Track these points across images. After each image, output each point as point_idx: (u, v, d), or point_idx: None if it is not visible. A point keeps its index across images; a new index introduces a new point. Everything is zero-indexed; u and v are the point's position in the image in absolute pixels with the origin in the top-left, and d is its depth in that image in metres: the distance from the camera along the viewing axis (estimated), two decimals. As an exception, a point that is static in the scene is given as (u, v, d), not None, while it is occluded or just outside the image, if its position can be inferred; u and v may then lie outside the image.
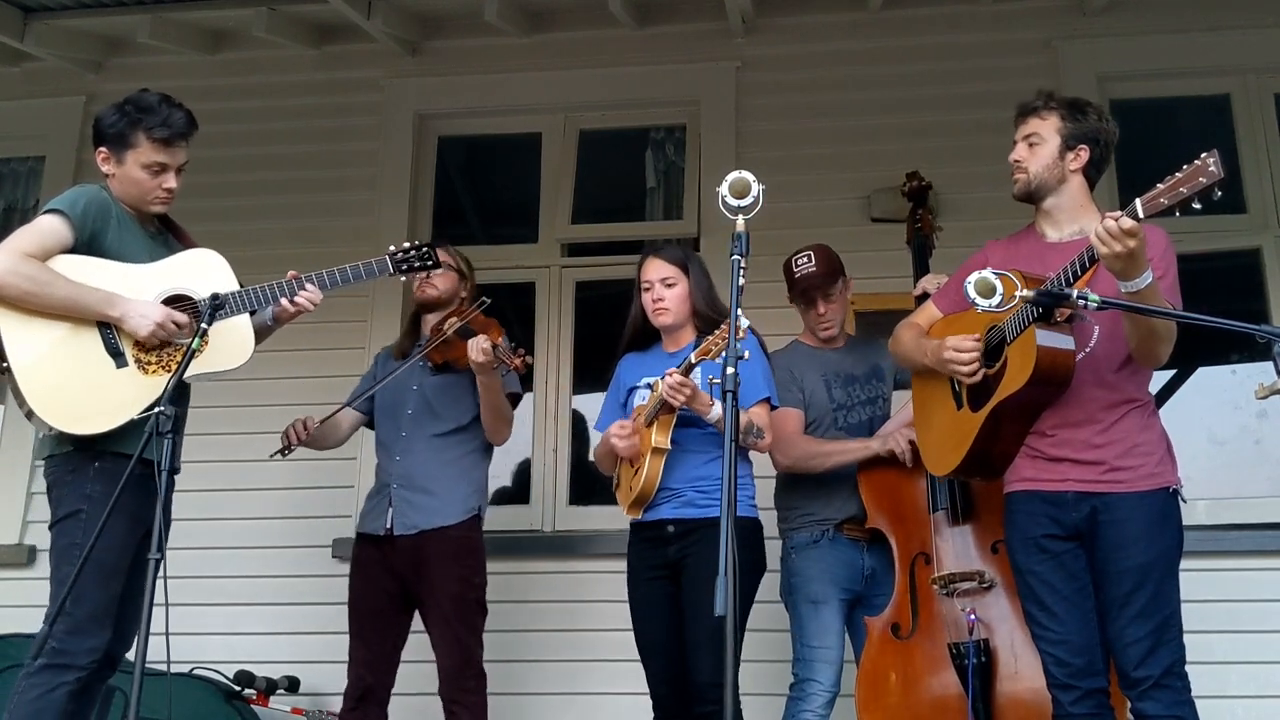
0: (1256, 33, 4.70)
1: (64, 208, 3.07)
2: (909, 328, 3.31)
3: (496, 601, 4.51)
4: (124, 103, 3.17)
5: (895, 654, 3.42)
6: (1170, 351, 2.89)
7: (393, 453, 3.82)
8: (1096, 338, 2.95)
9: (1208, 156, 2.49)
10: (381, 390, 3.91)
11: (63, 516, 3.03)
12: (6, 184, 5.46)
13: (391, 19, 4.96)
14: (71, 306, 3.01)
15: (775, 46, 5.02)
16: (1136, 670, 2.81)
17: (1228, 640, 4.05)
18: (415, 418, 3.82)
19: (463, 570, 3.72)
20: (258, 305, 3.21)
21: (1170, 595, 2.87)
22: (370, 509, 3.83)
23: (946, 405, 3.15)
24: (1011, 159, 3.12)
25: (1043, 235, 3.12)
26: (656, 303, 3.46)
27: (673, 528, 3.31)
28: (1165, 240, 2.99)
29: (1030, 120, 3.11)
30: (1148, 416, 2.99)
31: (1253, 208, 4.65)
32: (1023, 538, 3.00)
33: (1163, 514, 2.90)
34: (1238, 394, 4.63)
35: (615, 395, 3.60)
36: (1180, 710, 2.80)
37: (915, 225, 3.94)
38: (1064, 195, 3.07)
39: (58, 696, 2.89)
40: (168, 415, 2.71)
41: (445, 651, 3.65)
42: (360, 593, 3.75)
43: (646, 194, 5.17)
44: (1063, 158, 3.05)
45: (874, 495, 3.58)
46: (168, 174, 3.16)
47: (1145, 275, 2.66)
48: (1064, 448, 2.95)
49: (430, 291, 3.88)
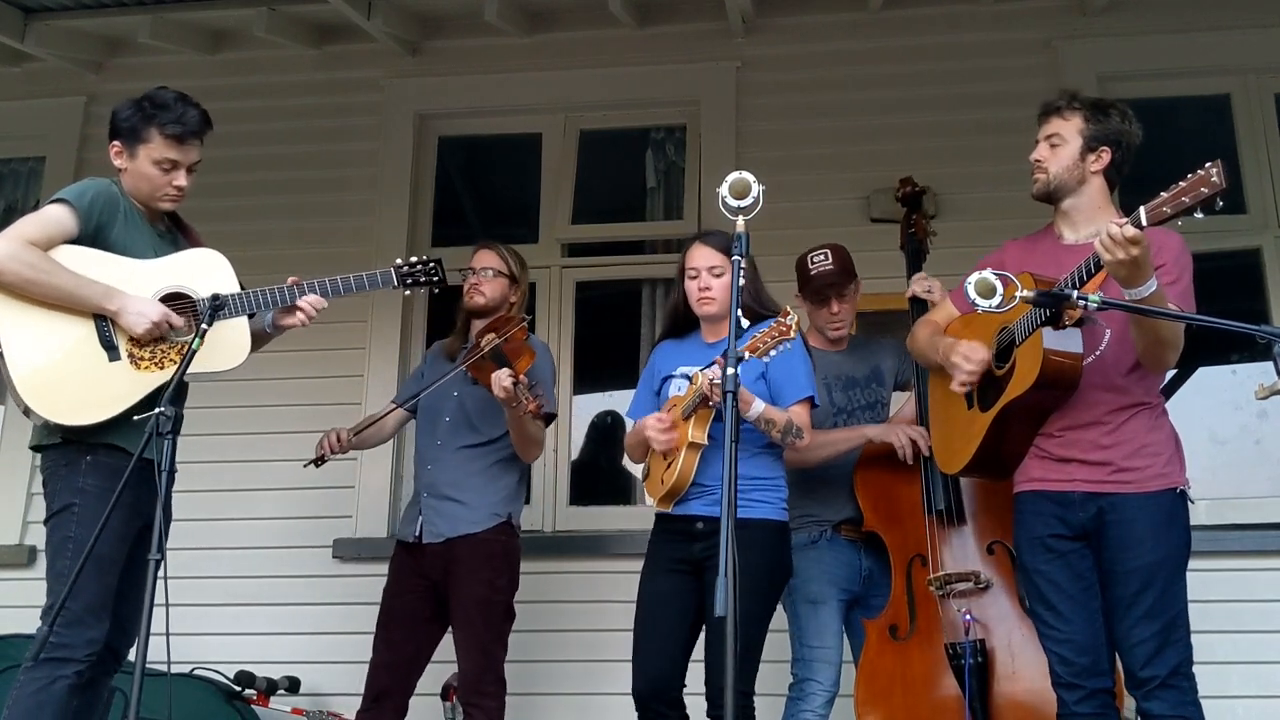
0: (1257, 32, 4.70)
1: (71, 198, 3.08)
2: (926, 325, 3.31)
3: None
4: (141, 98, 3.17)
5: (893, 655, 3.42)
6: (1177, 357, 2.88)
7: (425, 461, 3.84)
8: (1107, 341, 2.95)
9: (1211, 166, 2.48)
10: (425, 385, 3.90)
11: (56, 511, 3.04)
12: (7, 184, 5.46)
13: (392, 19, 4.96)
14: (70, 297, 3.02)
15: (775, 46, 5.02)
16: (1143, 670, 2.81)
17: (1229, 640, 4.04)
18: (452, 426, 3.82)
19: (490, 574, 3.69)
20: (257, 308, 3.21)
21: (1177, 595, 2.86)
22: (406, 517, 3.87)
23: (959, 404, 3.15)
24: (1032, 158, 3.09)
25: (1060, 236, 3.10)
26: (703, 291, 3.37)
27: (701, 524, 3.23)
28: (1179, 245, 2.97)
29: (1053, 120, 3.08)
30: (1156, 417, 2.98)
31: (1253, 208, 4.65)
32: (1030, 537, 3.00)
33: (1170, 514, 2.89)
34: (1238, 394, 4.63)
35: (649, 383, 3.52)
36: (1186, 710, 2.80)
37: (910, 230, 3.94)
38: (1083, 197, 3.05)
39: (58, 690, 2.89)
40: (168, 416, 2.71)
41: (465, 654, 3.65)
42: (391, 595, 3.77)
43: (646, 194, 5.17)
44: (1084, 159, 3.03)
45: (870, 497, 3.57)
46: (179, 171, 3.16)
47: (1150, 283, 2.65)
48: (1072, 448, 2.95)
49: (477, 299, 3.84)
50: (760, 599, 3.13)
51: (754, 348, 2.95)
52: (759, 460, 3.25)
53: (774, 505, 3.29)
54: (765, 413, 3.18)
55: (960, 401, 3.14)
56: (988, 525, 3.42)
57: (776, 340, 2.94)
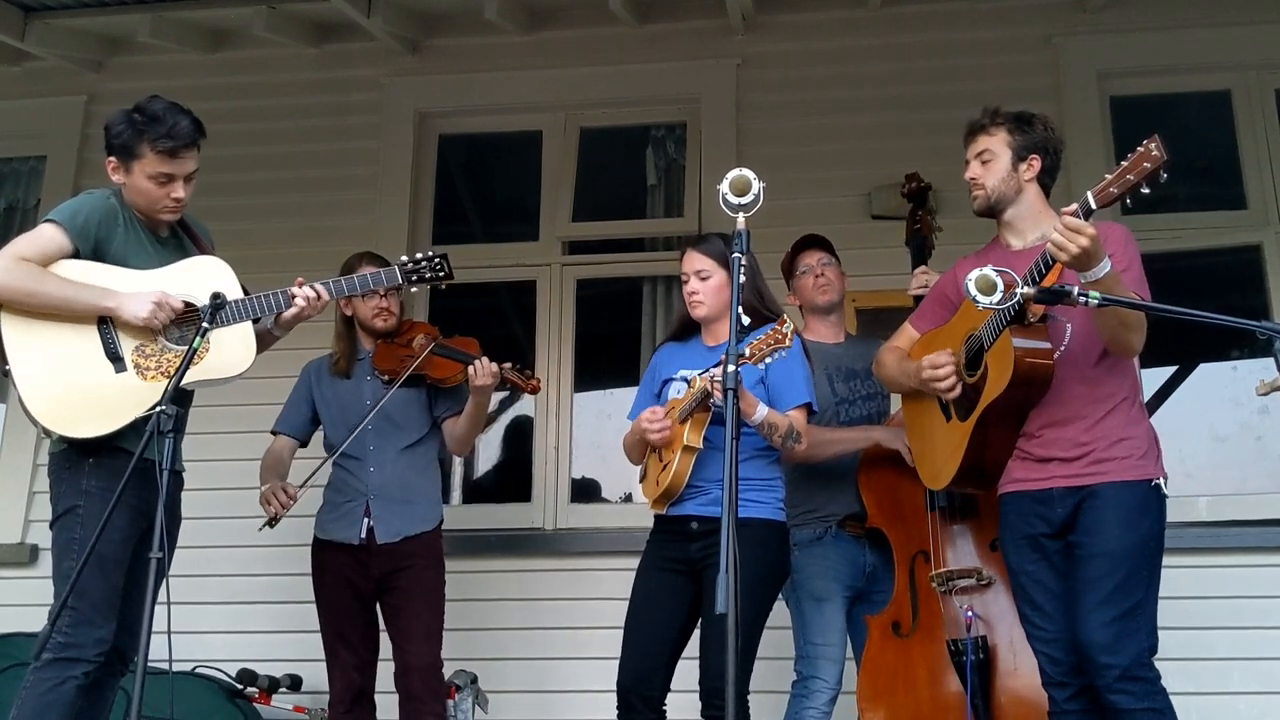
0: (1256, 28, 4.69)
1: (63, 220, 3.07)
2: (890, 351, 3.38)
3: (498, 600, 4.54)
4: (132, 110, 3.14)
5: (896, 652, 3.43)
6: (1143, 340, 2.92)
7: (366, 464, 3.81)
8: (1070, 334, 2.99)
9: (1149, 142, 2.58)
10: (328, 406, 3.91)
11: (61, 513, 3.05)
12: (8, 184, 5.46)
13: (392, 17, 4.96)
14: (67, 304, 3.02)
15: (776, 44, 5.02)
16: (1102, 656, 2.81)
17: (1229, 637, 4.05)
18: (379, 432, 3.82)
19: (438, 569, 3.79)
20: (263, 313, 3.20)
21: (1140, 585, 2.87)
22: (337, 518, 3.79)
23: (936, 419, 3.20)
24: (967, 177, 3.19)
25: (1008, 245, 3.17)
26: (690, 295, 3.41)
27: (696, 524, 3.25)
28: (1124, 234, 3.05)
29: (980, 138, 3.18)
30: (1134, 411, 3.01)
31: (1253, 204, 4.65)
32: (1014, 538, 3.03)
33: (1143, 504, 2.91)
34: (1238, 390, 4.63)
35: (650, 385, 3.53)
36: (1153, 702, 2.80)
37: (915, 226, 3.95)
38: (1022, 204, 3.15)
39: (67, 690, 2.89)
40: (169, 414, 2.71)
41: (422, 650, 3.68)
42: (338, 599, 3.76)
43: (647, 191, 5.17)
44: (1015, 169, 3.13)
45: (874, 494, 3.59)
46: (175, 184, 3.14)
47: (1104, 263, 2.70)
48: (1051, 447, 2.98)
49: (391, 321, 3.88)
50: (757, 599, 3.12)
51: (750, 355, 2.95)
52: (755, 461, 3.25)
53: (770, 505, 3.29)
54: (768, 416, 3.19)
55: (937, 416, 3.18)
56: (989, 522, 3.41)
57: (772, 348, 2.93)
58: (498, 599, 4.51)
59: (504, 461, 5.53)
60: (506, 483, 5.15)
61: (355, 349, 3.94)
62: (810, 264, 3.81)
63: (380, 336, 3.91)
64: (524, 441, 4.99)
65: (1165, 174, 2.55)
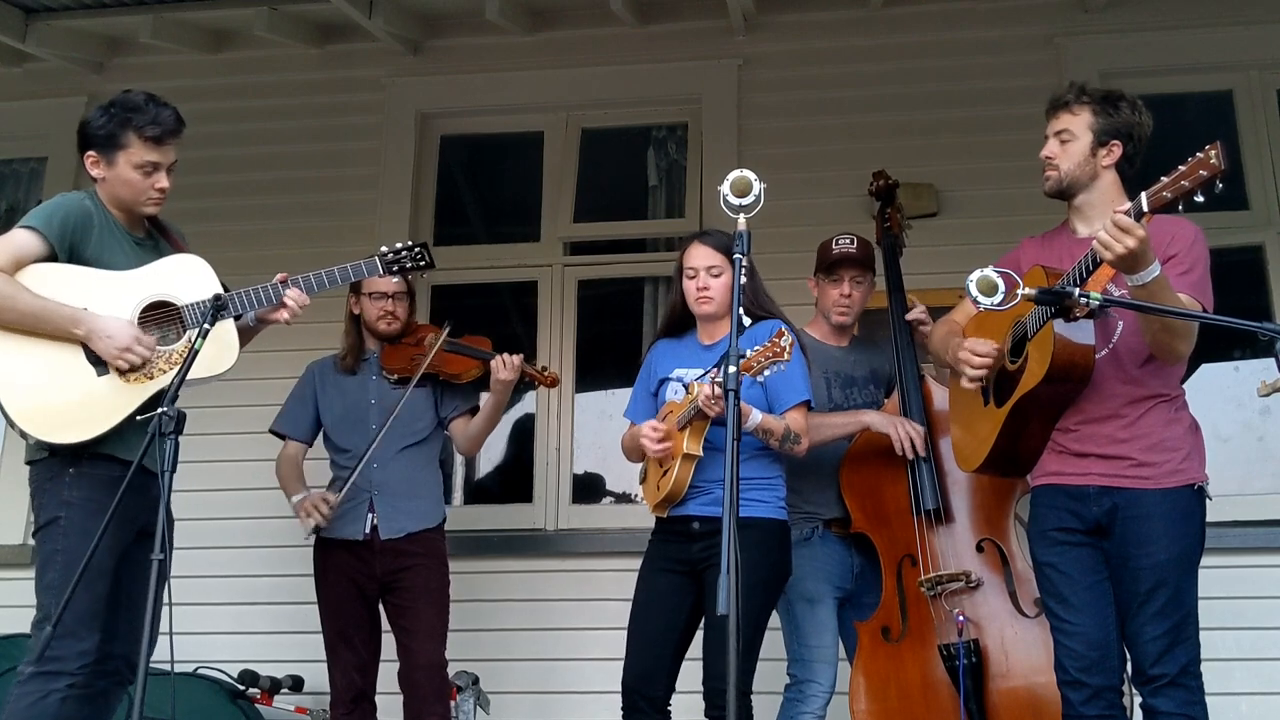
0: (1259, 28, 4.69)
1: (38, 224, 3.01)
2: (944, 324, 3.29)
3: (499, 600, 4.54)
4: (109, 104, 3.11)
5: (887, 657, 3.42)
6: (1190, 348, 2.84)
7: (370, 461, 3.79)
8: (1120, 333, 2.91)
9: (1210, 148, 2.47)
10: (331, 405, 3.92)
11: (44, 524, 3.00)
12: (8, 185, 5.46)
13: (393, 18, 4.96)
14: (36, 321, 2.95)
15: (777, 44, 5.01)
16: (1153, 668, 2.79)
17: (1232, 637, 4.04)
18: (385, 429, 3.81)
19: (444, 568, 3.81)
20: (251, 309, 3.15)
21: (1189, 594, 2.84)
22: (340, 515, 3.78)
23: (976, 401, 3.12)
24: (1042, 155, 3.05)
25: (1074, 231, 3.07)
26: (701, 291, 3.33)
27: (698, 524, 3.23)
28: (1193, 234, 2.93)
29: (1061, 115, 3.04)
30: (1175, 410, 2.94)
31: (1255, 204, 4.64)
32: (1043, 531, 2.98)
33: (1186, 512, 2.86)
34: (1240, 391, 4.62)
35: (646, 383, 3.50)
36: (1192, 710, 2.79)
37: (884, 224, 3.94)
38: (1095, 191, 3.01)
39: (50, 703, 2.84)
40: (170, 416, 2.68)
41: (427, 648, 3.68)
42: (341, 598, 3.76)
43: (648, 192, 5.17)
44: (1094, 154, 2.99)
45: (857, 498, 3.56)
46: (160, 173, 3.10)
47: (1152, 268, 2.62)
48: (1087, 443, 2.92)
49: (395, 325, 3.90)
50: (759, 599, 3.13)
51: (747, 366, 2.89)
52: (756, 461, 3.24)
53: (772, 504, 3.28)
54: (763, 423, 3.17)
55: (977, 399, 3.11)
56: (975, 523, 3.42)
57: (770, 360, 2.91)
58: (499, 600, 4.50)
59: (505, 462, 5.52)
60: (508, 483, 5.14)
61: (362, 347, 3.96)
62: (842, 277, 3.70)
63: (384, 339, 3.91)
64: (525, 442, 4.99)
65: (1221, 184, 2.46)
